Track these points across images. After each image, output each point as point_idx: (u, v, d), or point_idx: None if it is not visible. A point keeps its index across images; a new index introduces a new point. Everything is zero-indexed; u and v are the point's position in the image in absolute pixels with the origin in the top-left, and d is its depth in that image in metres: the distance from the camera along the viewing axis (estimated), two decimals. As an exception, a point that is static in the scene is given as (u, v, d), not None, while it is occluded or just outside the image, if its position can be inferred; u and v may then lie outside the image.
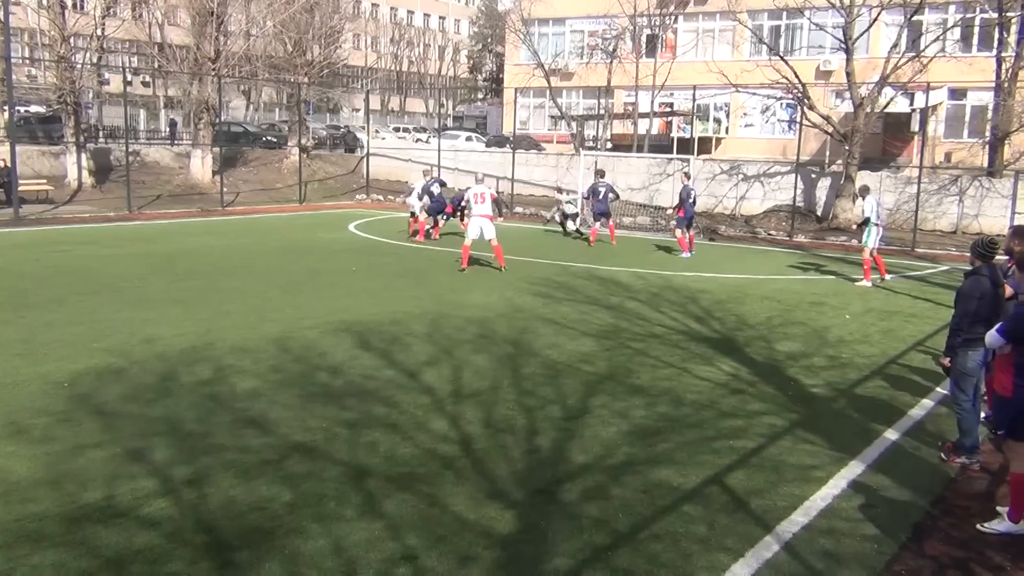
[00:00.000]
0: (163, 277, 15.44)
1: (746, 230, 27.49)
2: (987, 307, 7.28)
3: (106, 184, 30.40)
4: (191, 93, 33.20)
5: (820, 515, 6.35)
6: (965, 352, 7.33)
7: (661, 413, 8.59)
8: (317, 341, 10.97)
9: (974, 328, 7.19)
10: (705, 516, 6.25)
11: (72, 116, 29.38)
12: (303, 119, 38.20)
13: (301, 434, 7.62)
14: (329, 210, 31.04)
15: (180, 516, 6.00)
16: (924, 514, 6.47)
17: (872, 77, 28.46)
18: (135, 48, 53.11)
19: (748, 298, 15.28)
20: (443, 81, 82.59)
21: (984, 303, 7.28)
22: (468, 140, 45.33)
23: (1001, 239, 7.87)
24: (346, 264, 17.73)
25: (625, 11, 38.17)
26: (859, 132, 27.14)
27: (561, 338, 11.63)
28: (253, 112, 60.69)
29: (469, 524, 6.01)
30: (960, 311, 7.34)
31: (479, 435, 7.76)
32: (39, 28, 40.71)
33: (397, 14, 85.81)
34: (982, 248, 7.48)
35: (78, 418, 7.85)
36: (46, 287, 14.15)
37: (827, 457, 7.52)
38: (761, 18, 39.42)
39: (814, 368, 10.59)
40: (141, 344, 10.53)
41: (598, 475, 6.95)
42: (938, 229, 26.73)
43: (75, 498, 6.20)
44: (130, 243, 20.15)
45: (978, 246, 7.53)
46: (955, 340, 7.36)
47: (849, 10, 26.99)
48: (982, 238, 7.62)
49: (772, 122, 38.65)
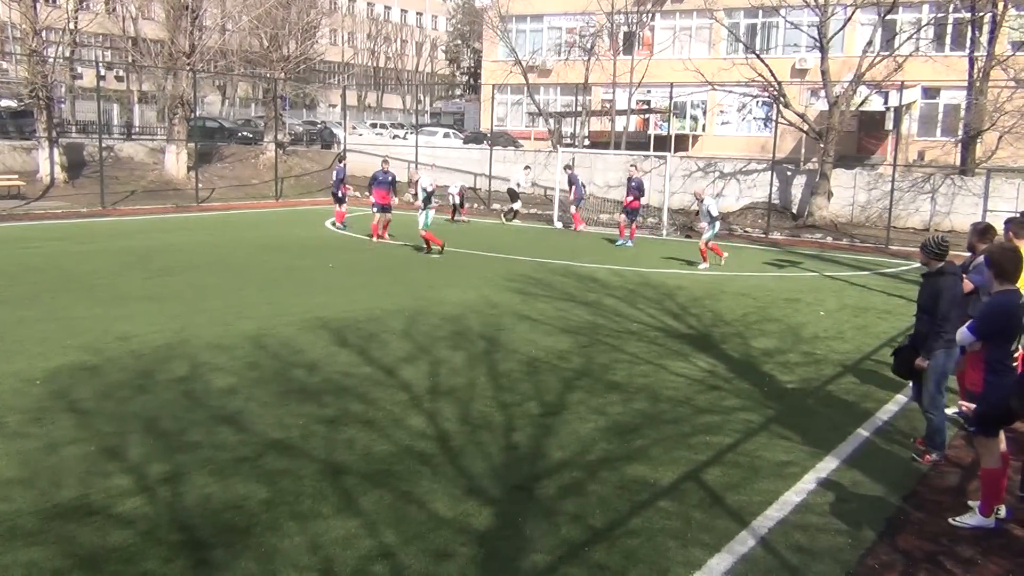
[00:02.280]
0: (137, 274, 15.30)
1: (722, 227, 27.59)
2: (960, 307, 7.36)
3: (79, 180, 30.05)
4: (165, 88, 32.88)
5: (795, 510, 6.41)
6: (947, 352, 7.29)
7: (638, 409, 8.63)
8: (294, 338, 10.92)
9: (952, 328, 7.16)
10: (681, 512, 6.29)
11: (44, 111, 28.99)
12: (279, 115, 37.95)
13: (278, 431, 7.59)
14: (306, 206, 30.89)
15: (155, 514, 5.95)
16: (896, 509, 6.54)
17: (847, 76, 28.71)
18: (108, 42, 52.52)
19: (724, 295, 15.37)
20: (420, 77, 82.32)
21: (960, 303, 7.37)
22: (446, 137, 45.25)
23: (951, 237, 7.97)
24: (323, 260, 17.66)
25: (603, 8, 38.24)
26: (834, 130, 27.36)
27: (538, 334, 11.64)
28: (229, 108, 60.23)
29: (446, 521, 6.01)
30: (946, 312, 7.20)
31: (456, 432, 7.76)
32: (10, 21, 40.22)
33: (374, 10, 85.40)
34: (935, 248, 7.38)
35: (52, 416, 7.77)
36: (17, 284, 13.98)
37: (801, 453, 7.59)
38: (737, 16, 39.63)
39: (789, 364, 10.68)
40: (115, 341, 10.44)
41: (575, 471, 6.97)
42: (911, 226, 27.00)
43: (49, 496, 6.14)
44: (104, 239, 19.95)
45: (931, 246, 7.42)
46: (937, 342, 7.25)
47: (824, 9, 27.20)
48: (933, 238, 7.51)
49: (748, 120, 38.90)
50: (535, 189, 32.67)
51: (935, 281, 7.37)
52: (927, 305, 7.42)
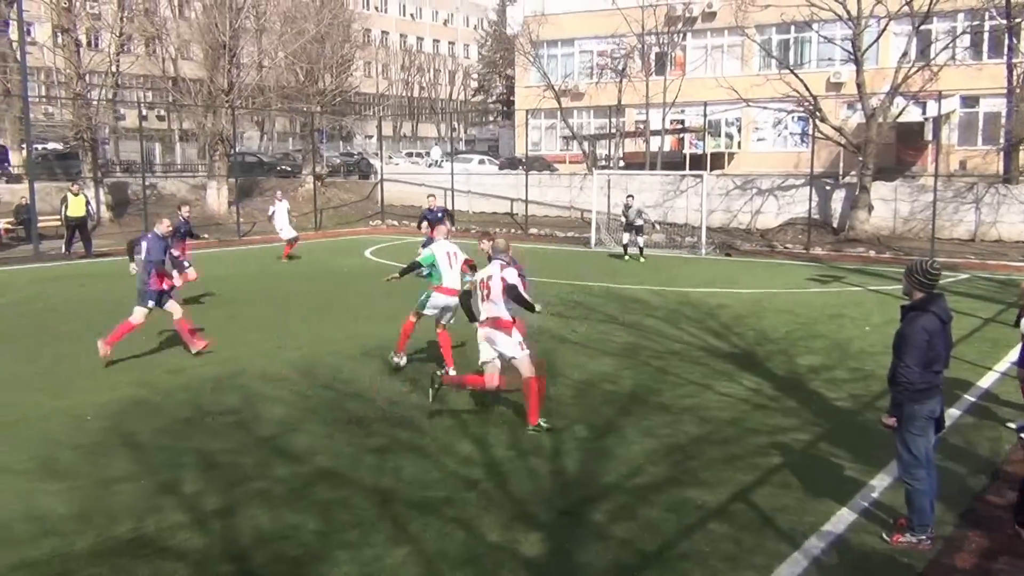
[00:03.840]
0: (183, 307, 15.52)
1: (762, 244, 27.43)
2: (940, 346, 6.01)
3: (124, 217, 30.70)
4: (205, 125, 33.56)
5: (847, 530, 6.31)
6: (913, 406, 5.99)
7: (685, 431, 8.56)
8: (340, 367, 11.01)
9: (926, 375, 5.94)
10: (732, 534, 6.22)
11: (89, 152, 29.76)
12: (317, 147, 38.49)
13: (327, 461, 7.64)
14: (345, 236, 31.20)
15: (207, 546, 6.02)
16: (953, 527, 6.41)
17: (883, 87, 28.44)
18: (149, 83, 53.59)
19: (767, 312, 15.23)
20: (454, 105, 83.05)
21: (935, 343, 5.97)
22: (480, 163, 45.51)
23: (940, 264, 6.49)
24: (364, 289, 17.80)
25: (633, 31, 38.35)
26: (872, 142, 27.08)
27: (582, 358, 11.62)
28: (267, 142, 61.11)
29: (495, 546, 6.01)
30: (907, 357, 5.92)
31: (504, 457, 7.76)
32: (55, 67, 41.35)
33: (407, 41, 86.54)
34: (921, 275, 6.08)
35: (104, 451, 7.90)
36: (67, 321, 14.28)
37: (852, 471, 7.47)
38: (769, 32, 39.49)
39: (836, 381, 10.53)
40: (166, 375, 10.61)
41: (624, 495, 6.93)
42: (956, 237, 26.59)
43: (103, 531, 6.24)
44: (149, 275, 20.27)
45: (916, 273, 6.11)
46: (900, 393, 5.99)
47: (857, 22, 27.02)
48: (919, 263, 6.18)
49: (784, 135, 38.62)
50: (572, 212, 32.74)
51: (911, 317, 6.04)
52: (896, 344, 6.10)
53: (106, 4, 37.10)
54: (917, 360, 5.88)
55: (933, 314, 6.00)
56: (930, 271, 6.08)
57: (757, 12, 31.98)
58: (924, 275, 6.08)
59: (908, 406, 5.98)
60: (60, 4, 29.54)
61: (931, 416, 6.06)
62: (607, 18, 39.71)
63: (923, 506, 6.05)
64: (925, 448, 6.07)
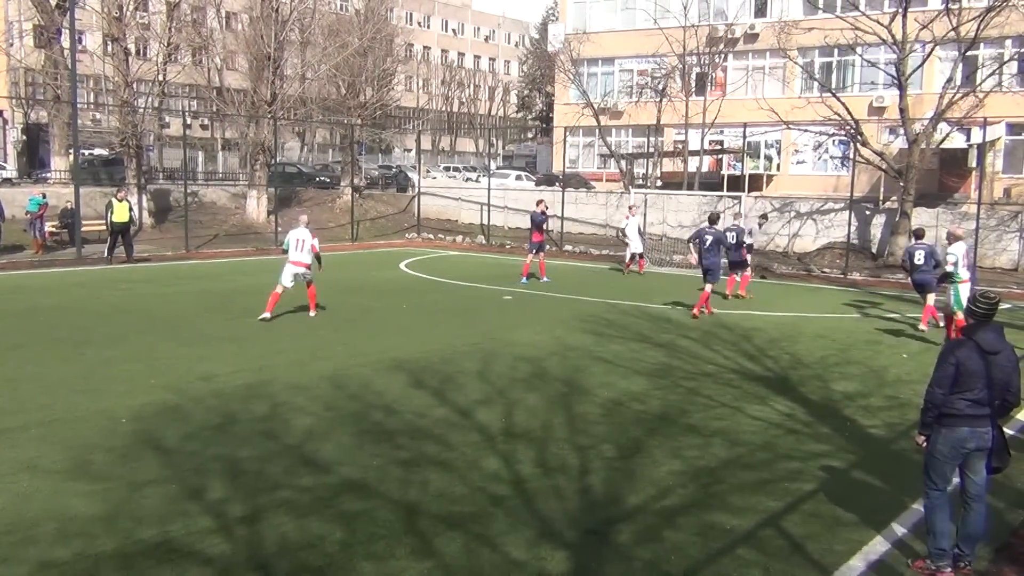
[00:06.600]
0: (219, 315, 15.72)
1: (799, 267, 27.14)
2: (969, 378, 5.93)
3: (165, 224, 31.16)
4: (248, 135, 34.03)
5: (879, 560, 6.18)
6: (940, 430, 6.04)
7: (715, 454, 8.47)
8: (370, 379, 11.05)
9: (951, 401, 5.96)
10: (760, 560, 6.12)
11: (134, 158, 30.27)
12: (356, 159, 38.82)
13: (354, 472, 7.65)
14: (381, 249, 31.38)
15: (233, 553, 6.05)
16: (988, 562, 6.26)
17: (927, 112, 28.08)
18: (195, 92, 54.63)
19: (802, 336, 15.05)
20: (493, 121, 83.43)
21: (964, 372, 5.93)
22: (518, 179, 45.60)
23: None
24: (397, 302, 17.88)
25: (674, 50, 38.29)
26: (914, 168, 26.70)
27: (613, 376, 11.56)
28: (307, 153, 61.84)
29: (520, 564, 5.96)
30: (932, 377, 6.08)
31: (531, 474, 7.73)
32: (104, 74, 42.22)
33: (448, 56, 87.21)
34: (972, 303, 6.21)
35: (136, 455, 7.99)
36: (106, 325, 14.49)
37: (886, 500, 7.34)
38: (812, 55, 39.18)
39: (872, 408, 10.37)
40: (198, 381, 10.71)
41: (651, 516, 6.86)
42: (998, 266, 26.12)
43: (130, 534, 6.29)
44: (187, 281, 20.58)
45: (969, 301, 6.28)
46: (927, 415, 6.10)
47: (902, 46, 26.73)
48: (975, 291, 6.36)
49: (824, 159, 38.25)
50: (607, 230, 32.65)
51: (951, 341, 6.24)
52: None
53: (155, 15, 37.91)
54: (941, 382, 5.98)
55: (973, 342, 6.01)
56: (979, 299, 6.15)
57: (800, 35, 31.78)
58: (974, 303, 6.19)
59: (935, 428, 6.07)
60: (111, 14, 30.21)
61: (960, 447, 6.00)
62: (648, 38, 39.68)
63: (937, 528, 6.03)
64: (949, 476, 6.10)
